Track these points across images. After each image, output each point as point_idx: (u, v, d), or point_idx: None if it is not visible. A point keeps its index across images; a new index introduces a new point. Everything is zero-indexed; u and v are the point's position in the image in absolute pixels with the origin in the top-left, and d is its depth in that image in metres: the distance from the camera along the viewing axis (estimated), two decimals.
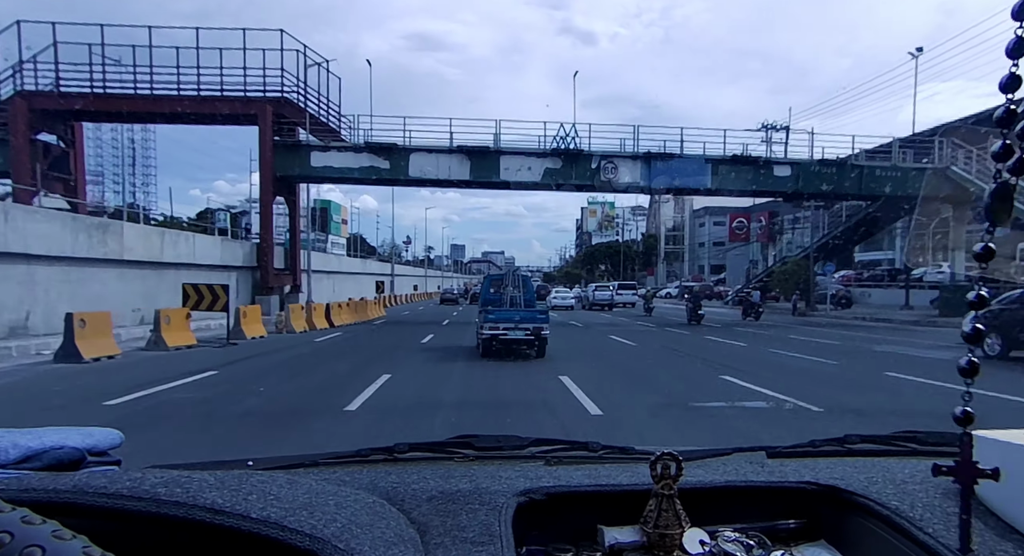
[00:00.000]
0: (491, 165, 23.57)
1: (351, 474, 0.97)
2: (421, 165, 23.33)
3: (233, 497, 0.66)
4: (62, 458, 0.81)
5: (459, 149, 23.37)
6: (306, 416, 6.58)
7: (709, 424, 6.23)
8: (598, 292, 37.52)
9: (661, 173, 23.76)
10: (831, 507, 0.93)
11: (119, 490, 0.64)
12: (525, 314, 11.57)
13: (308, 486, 0.75)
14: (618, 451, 1.14)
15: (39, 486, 0.64)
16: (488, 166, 23.57)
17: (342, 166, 23.15)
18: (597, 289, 38.51)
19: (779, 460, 1.09)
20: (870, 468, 1.00)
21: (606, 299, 36.33)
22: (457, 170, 23.52)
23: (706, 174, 23.92)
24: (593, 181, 23.88)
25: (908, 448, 1.18)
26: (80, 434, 0.87)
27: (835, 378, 9.69)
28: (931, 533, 0.79)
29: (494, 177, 23.70)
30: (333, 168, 23.18)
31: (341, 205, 74.55)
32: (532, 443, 1.17)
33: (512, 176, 23.60)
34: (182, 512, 0.63)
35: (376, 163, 23.16)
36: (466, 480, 0.93)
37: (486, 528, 0.78)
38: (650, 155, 23.70)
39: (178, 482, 0.68)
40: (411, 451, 1.13)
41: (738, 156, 23.93)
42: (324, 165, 23.15)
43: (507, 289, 12.58)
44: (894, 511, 0.85)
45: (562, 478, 0.95)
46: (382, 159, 23.14)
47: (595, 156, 23.73)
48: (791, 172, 24.30)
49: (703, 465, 1.02)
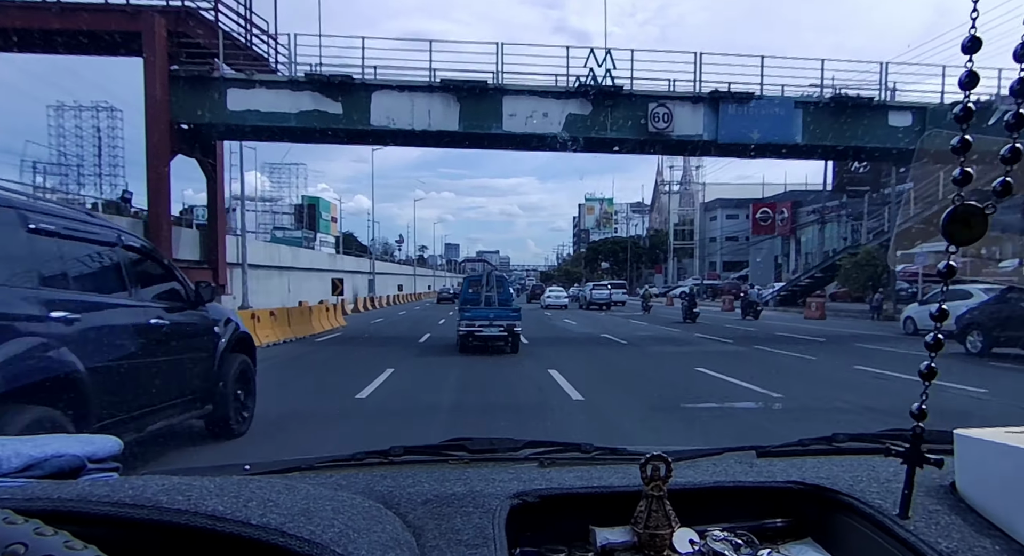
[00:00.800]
0: (490, 110, 16.27)
1: (347, 478, 0.98)
2: (388, 109, 16.03)
3: (233, 504, 0.67)
4: (63, 466, 0.81)
5: (444, 86, 16.08)
6: None
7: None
8: (595, 291, 36.36)
9: (733, 121, 16.61)
10: (817, 506, 0.95)
11: (122, 498, 0.65)
12: (499, 312, 12.18)
13: (305, 491, 0.76)
14: (610, 452, 1.16)
15: (43, 495, 0.65)
16: (486, 111, 16.28)
17: (274, 111, 15.79)
18: (595, 288, 37.24)
19: (768, 459, 1.11)
20: (856, 467, 1.02)
21: (604, 298, 35.33)
22: (441, 117, 16.19)
23: (795, 123, 16.81)
24: (637, 133, 16.61)
25: (894, 446, 1.10)
26: (80, 442, 0.88)
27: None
28: (912, 531, 0.81)
29: (494, 127, 16.36)
30: (260, 113, 15.79)
31: (331, 202, 71.51)
32: (525, 445, 1.18)
33: (520, 126, 16.33)
34: (184, 519, 0.64)
35: (323, 106, 15.84)
36: (460, 483, 0.94)
37: (480, 531, 0.80)
38: (718, 95, 16.54)
39: (179, 489, 0.68)
40: (406, 454, 1.14)
41: (842, 97, 16.81)
42: (247, 109, 15.76)
43: (483, 289, 13.19)
44: (877, 509, 0.87)
45: (554, 480, 0.97)
46: (332, 100, 15.87)
47: (639, 97, 16.57)
48: (912, 121, 17.18)
49: (693, 465, 1.05)
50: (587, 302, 35.96)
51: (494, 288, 13.21)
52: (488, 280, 13.55)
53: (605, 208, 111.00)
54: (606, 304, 35.04)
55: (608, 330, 18.97)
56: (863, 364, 10.47)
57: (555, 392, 7.78)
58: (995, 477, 0.84)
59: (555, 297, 36.81)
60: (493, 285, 13.31)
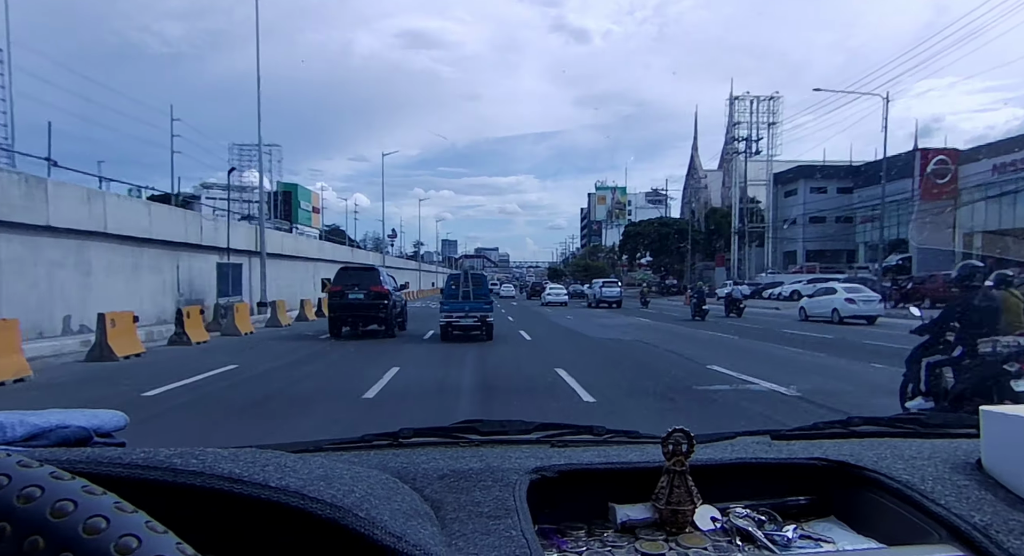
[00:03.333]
0: None
1: (358, 456, 0.97)
2: None
3: (250, 468, 0.65)
4: (68, 436, 0.80)
5: None
6: None
7: None
8: (605, 289, 35.11)
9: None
10: (841, 483, 0.94)
11: (134, 460, 0.63)
12: (473, 305, 14.27)
13: (320, 462, 0.74)
14: (623, 435, 1.14)
15: (52, 458, 0.61)
16: None
17: None
18: (604, 285, 36.01)
19: (784, 441, 1.10)
20: (877, 447, 1.01)
21: (614, 296, 34.22)
22: None
23: None
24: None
25: (912, 429, 1.17)
26: (85, 415, 0.86)
27: None
28: (944, 505, 0.80)
29: None
30: None
31: (311, 191, 61.53)
32: (537, 428, 1.17)
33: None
34: (200, 481, 0.61)
35: None
36: (476, 460, 0.93)
37: (501, 503, 0.79)
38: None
39: (192, 454, 0.66)
40: (416, 436, 1.12)
41: None
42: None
43: (461, 286, 14.57)
44: (905, 484, 0.85)
45: (572, 458, 0.95)
46: None
47: None
48: None
49: (711, 446, 1.03)
50: (596, 301, 35.01)
51: (471, 285, 14.58)
52: (466, 277, 14.92)
53: (618, 197, 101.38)
54: (616, 302, 33.92)
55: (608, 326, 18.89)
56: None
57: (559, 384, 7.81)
58: (1021, 452, 0.83)
59: (555, 294, 38.42)
60: (470, 282, 14.69)
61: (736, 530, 0.84)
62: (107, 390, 8.04)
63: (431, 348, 13.23)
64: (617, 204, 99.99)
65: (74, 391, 8.05)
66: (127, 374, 9.31)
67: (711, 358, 10.65)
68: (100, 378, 8.98)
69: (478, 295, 14.59)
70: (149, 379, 8.39)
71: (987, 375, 4.94)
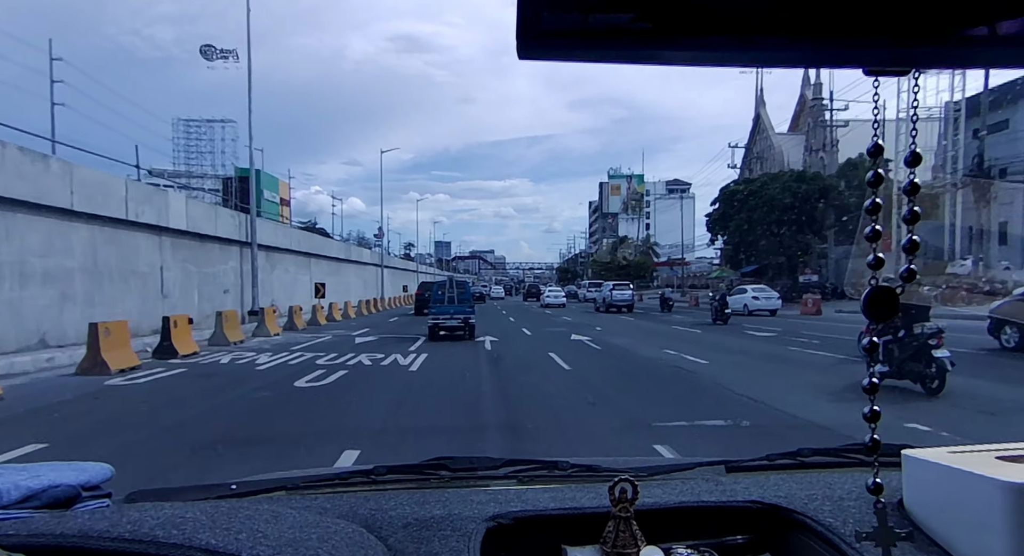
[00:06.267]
0: None
1: (331, 501, 1.03)
2: None
3: (225, 536, 0.72)
4: (59, 496, 0.86)
5: None
6: None
7: None
8: (616, 292, 32.64)
9: None
10: (775, 523, 1.00)
11: (121, 533, 0.70)
12: (457, 308, 16.19)
13: (292, 519, 0.81)
14: (586, 469, 1.20)
15: (47, 530, 0.70)
16: None
17: None
18: (615, 288, 33.34)
19: (734, 476, 1.17)
20: (814, 485, 1.08)
21: (625, 300, 32.04)
22: None
23: None
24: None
25: (856, 459, 1.24)
26: (74, 470, 0.92)
27: None
28: (858, 549, 0.86)
29: None
30: None
31: (278, 179, 50.88)
32: (504, 463, 1.23)
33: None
34: (179, 553, 0.68)
35: None
36: (439, 505, 1.00)
37: (456, 554, 0.85)
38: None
39: (173, 522, 0.73)
40: (389, 474, 1.18)
41: None
42: None
43: (447, 291, 16.68)
44: (827, 528, 0.92)
45: (529, 501, 1.02)
46: None
47: None
48: None
49: (662, 484, 1.11)
50: (606, 304, 32.47)
51: (455, 290, 16.70)
52: (451, 284, 17.05)
53: (634, 187, 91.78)
54: (627, 306, 31.79)
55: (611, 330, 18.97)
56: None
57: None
58: (938, 497, 0.88)
59: (553, 296, 39.96)
60: (455, 288, 16.81)
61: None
62: None
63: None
64: (634, 194, 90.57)
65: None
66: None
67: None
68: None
69: (462, 299, 16.58)
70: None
71: (919, 347, 7.56)
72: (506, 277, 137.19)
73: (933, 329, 7.52)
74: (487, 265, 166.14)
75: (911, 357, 7.62)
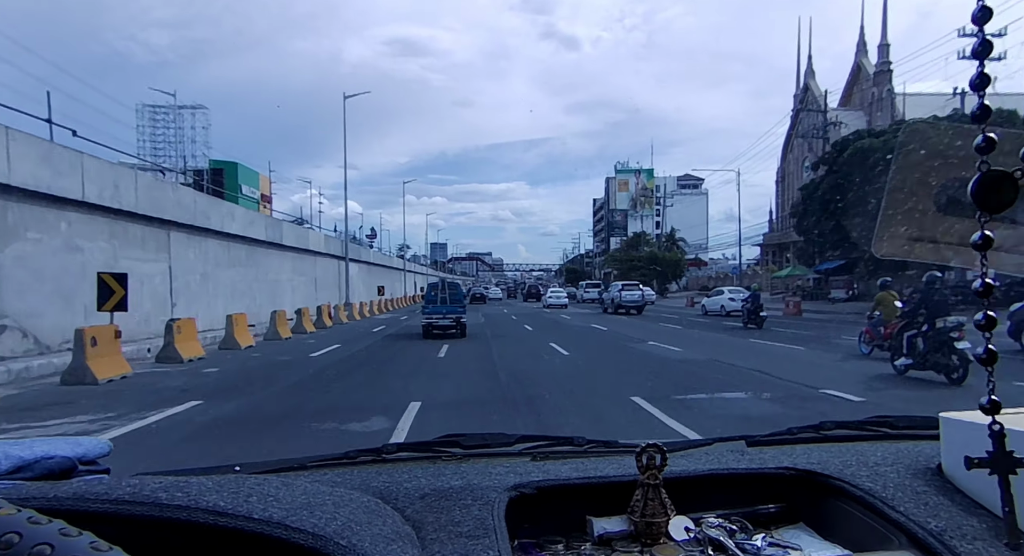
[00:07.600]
0: None
1: (342, 475, 0.99)
2: None
3: (233, 499, 0.67)
4: (53, 467, 0.81)
5: None
6: None
7: None
8: (625, 292, 30.93)
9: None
10: (808, 491, 0.96)
11: (120, 495, 0.64)
12: (449, 308, 17.26)
13: (303, 487, 0.76)
14: (603, 445, 1.15)
15: (39, 494, 0.64)
16: None
17: None
18: (624, 288, 31.59)
19: (758, 448, 1.12)
20: (844, 453, 1.03)
21: (635, 301, 30.36)
22: None
23: None
24: None
25: (881, 432, 1.20)
26: (69, 444, 0.87)
27: None
28: (903, 512, 0.83)
29: None
30: None
31: (258, 173, 43.57)
32: (518, 440, 1.18)
33: None
34: (184, 515, 0.63)
35: None
36: (456, 477, 0.94)
37: (480, 522, 0.80)
38: None
39: (177, 486, 0.68)
40: (399, 451, 1.14)
41: None
42: None
43: (440, 292, 17.67)
44: (867, 492, 0.88)
45: (550, 472, 0.97)
46: None
47: None
48: None
49: (686, 455, 1.06)
50: (615, 305, 30.92)
51: (447, 292, 17.69)
52: (443, 285, 18.09)
53: (643, 182, 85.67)
54: (637, 308, 30.32)
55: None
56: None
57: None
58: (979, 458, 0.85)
59: (555, 297, 40.07)
60: (447, 289, 17.81)
61: (708, 540, 0.87)
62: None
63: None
64: (643, 190, 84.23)
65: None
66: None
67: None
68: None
69: (454, 300, 17.55)
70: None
71: (942, 340, 8.04)
72: (504, 279, 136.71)
73: (955, 323, 8.07)
74: (485, 267, 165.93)
75: (935, 349, 8.15)
